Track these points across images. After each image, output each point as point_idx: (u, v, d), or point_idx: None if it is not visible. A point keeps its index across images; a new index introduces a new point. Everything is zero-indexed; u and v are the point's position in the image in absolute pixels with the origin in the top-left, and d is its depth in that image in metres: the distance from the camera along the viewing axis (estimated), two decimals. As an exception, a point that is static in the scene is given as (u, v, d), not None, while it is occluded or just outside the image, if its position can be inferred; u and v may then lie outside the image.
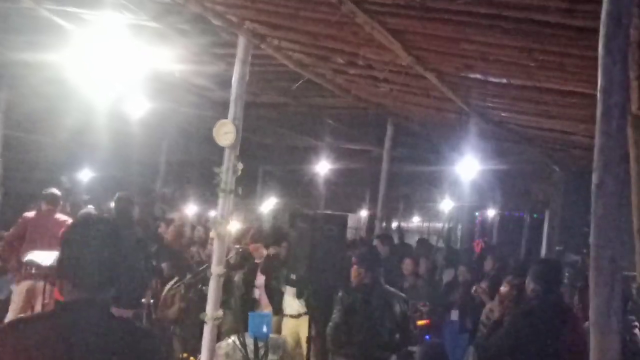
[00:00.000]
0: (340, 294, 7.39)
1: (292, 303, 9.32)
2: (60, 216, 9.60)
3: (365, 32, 6.60)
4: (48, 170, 18.09)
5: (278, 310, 9.76)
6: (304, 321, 9.17)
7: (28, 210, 10.21)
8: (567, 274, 9.93)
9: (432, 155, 16.09)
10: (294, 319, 9.24)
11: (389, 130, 12.23)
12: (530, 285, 6.16)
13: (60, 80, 10.30)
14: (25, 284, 8.91)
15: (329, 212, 18.19)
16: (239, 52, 7.54)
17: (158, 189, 17.55)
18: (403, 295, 7.68)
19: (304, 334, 9.27)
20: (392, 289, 7.60)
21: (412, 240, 26.06)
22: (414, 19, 6.13)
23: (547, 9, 5.06)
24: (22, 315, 2.28)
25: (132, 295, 8.43)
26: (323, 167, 18.31)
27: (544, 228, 14.51)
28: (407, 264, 11.44)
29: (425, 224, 31.89)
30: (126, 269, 7.73)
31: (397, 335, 7.41)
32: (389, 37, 6.64)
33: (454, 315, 11.20)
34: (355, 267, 7.52)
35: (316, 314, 8.85)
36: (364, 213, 24.66)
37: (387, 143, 12.27)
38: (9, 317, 8.73)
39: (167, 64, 10.04)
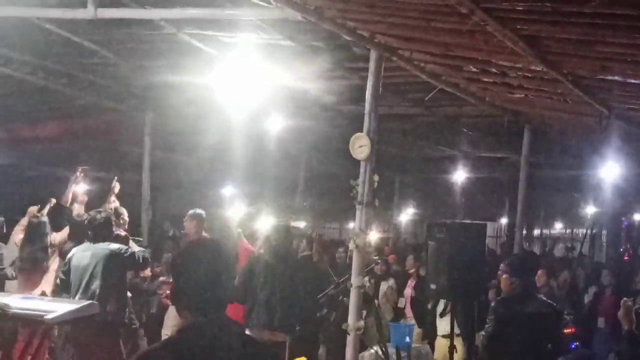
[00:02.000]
0: (493, 304, 7.25)
1: (442, 322, 9.32)
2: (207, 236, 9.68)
3: (497, 39, 6.56)
4: (191, 189, 18.74)
5: (422, 322, 9.79)
6: (456, 341, 9.13)
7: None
8: None
9: (573, 160, 15.70)
10: (445, 339, 9.23)
11: (526, 136, 12.02)
12: None
13: (200, 100, 10.71)
14: None
15: (467, 221, 18.00)
16: (371, 65, 7.61)
17: (297, 204, 17.82)
18: (555, 304, 7.51)
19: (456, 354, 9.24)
20: (544, 298, 7.45)
21: (555, 249, 25.44)
22: (546, 24, 6.05)
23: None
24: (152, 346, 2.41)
25: (290, 321, 8.56)
26: (460, 175, 18.18)
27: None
28: (539, 276, 11.15)
29: (568, 231, 31.05)
30: (283, 296, 7.95)
31: (549, 346, 7.25)
32: (521, 44, 6.57)
33: (601, 322, 10.92)
34: (506, 276, 7.39)
35: (458, 322, 8.83)
36: (503, 221, 24.28)
37: (525, 149, 12.06)
38: (164, 332, 9.13)
39: (301, 81, 10.26)
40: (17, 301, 6.76)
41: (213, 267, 2.79)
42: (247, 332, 3.12)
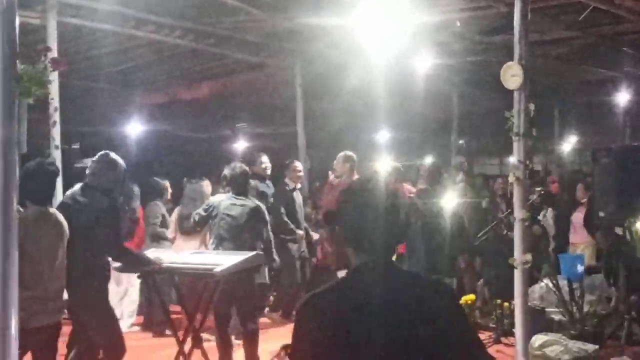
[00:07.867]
0: None
1: None
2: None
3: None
4: (344, 136, 18.77)
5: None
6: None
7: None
8: None
9: None
10: None
11: (695, 49, 11.28)
12: None
13: (345, 45, 10.64)
14: None
15: (635, 144, 17.20)
16: (518, -10, 7.29)
17: (453, 142, 17.52)
18: None
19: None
20: None
21: None
22: None
23: None
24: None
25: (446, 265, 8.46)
26: (623, 98, 17.38)
27: None
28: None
29: None
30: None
31: None
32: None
33: None
34: None
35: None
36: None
37: (695, 63, 11.34)
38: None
39: (446, 15, 10.02)
40: (187, 257, 7.02)
41: (376, 205, 2.71)
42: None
